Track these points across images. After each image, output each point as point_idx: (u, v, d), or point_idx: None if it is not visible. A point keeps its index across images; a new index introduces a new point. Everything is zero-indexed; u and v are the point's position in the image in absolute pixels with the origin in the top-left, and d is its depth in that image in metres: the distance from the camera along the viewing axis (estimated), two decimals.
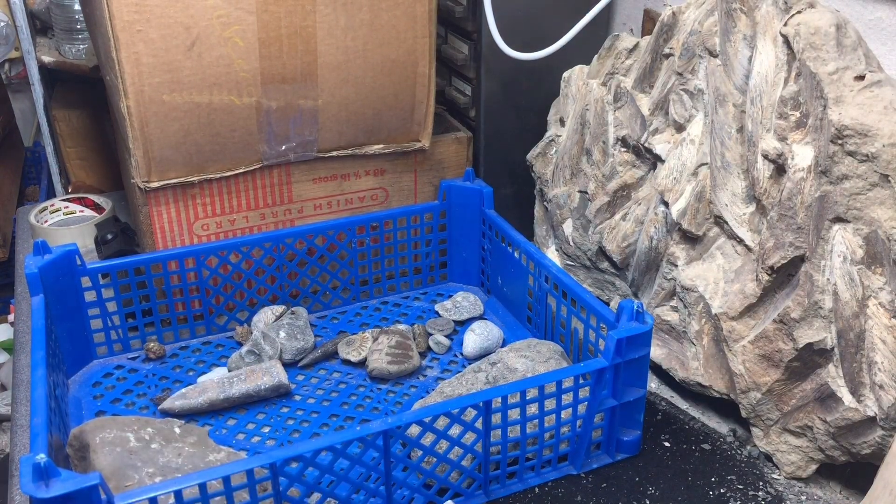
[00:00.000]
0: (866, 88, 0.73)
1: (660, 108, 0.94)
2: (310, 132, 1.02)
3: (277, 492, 0.69)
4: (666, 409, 0.92)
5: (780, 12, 0.80)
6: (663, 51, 0.94)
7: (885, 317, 0.73)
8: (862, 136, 0.71)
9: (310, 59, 0.97)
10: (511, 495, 0.80)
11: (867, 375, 0.74)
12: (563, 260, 1.11)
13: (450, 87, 1.24)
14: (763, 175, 0.81)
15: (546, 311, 0.98)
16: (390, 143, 1.08)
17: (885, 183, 0.71)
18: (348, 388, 0.95)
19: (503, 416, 0.76)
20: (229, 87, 0.94)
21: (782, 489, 0.81)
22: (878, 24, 0.87)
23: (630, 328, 0.78)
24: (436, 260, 1.13)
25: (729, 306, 0.84)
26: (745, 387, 0.83)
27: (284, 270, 1.06)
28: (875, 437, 0.75)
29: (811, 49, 0.76)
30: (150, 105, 0.92)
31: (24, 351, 1.01)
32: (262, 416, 0.90)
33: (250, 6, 0.91)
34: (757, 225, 0.83)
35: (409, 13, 1.00)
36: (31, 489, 0.60)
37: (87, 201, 1.25)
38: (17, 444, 0.86)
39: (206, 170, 0.99)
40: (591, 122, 1.02)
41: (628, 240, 0.98)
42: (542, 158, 1.12)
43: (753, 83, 0.82)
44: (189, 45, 0.90)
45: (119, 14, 0.87)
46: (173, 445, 0.76)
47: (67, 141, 1.75)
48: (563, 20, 1.11)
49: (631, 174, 0.98)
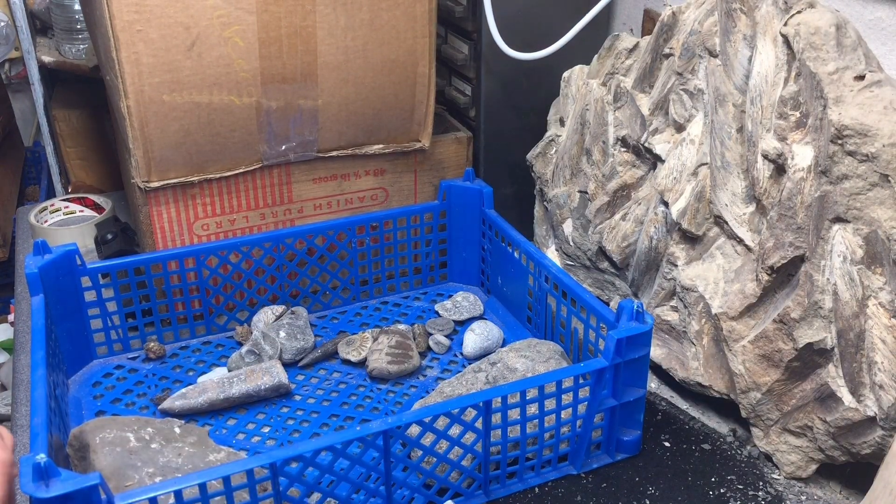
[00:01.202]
0: (866, 88, 0.73)
1: (660, 107, 0.94)
2: (310, 132, 1.02)
3: (277, 492, 0.69)
4: (666, 409, 0.92)
5: (780, 12, 0.80)
6: (663, 51, 0.94)
7: (885, 317, 0.73)
8: (862, 135, 0.71)
9: (310, 59, 0.97)
10: (511, 495, 0.80)
11: (867, 375, 0.74)
12: (563, 260, 1.11)
13: (450, 87, 1.24)
14: (763, 175, 0.81)
15: (546, 311, 0.98)
16: (390, 143, 1.08)
17: (884, 183, 0.71)
18: (348, 388, 0.95)
19: (503, 416, 0.76)
20: (229, 87, 0.94)
21: (782, 489, 0.81)
22: (878, 24, 0.87)
23: (630, 328, 0.78)
24: (436, 260, 1.13)
25: (729, 306, 0.84)
26: (745, 387, 0.83)
27: (284, 270, 1.06)
28: (875, 437, 0.75)
29: (811, 49, 0.76)
30: (150, 105, 0.92)
31: (24, 351, 1.01)
32: (262, 416, 0.90)
33: (250, 6, 0.91)
34: (757, 225, 0.83)
35: (409, 13, 1.00)
36: (31, 489, 0.60)
37: (87, 201, 1.25)
38: (18, 444, 0.86)
39: (206, 170, 0.99)
40: (591, 122, 1.02)
41: (628, 240, 0.98)
42: (542, 158, 1.12)
43: (753, 83, 0.82)
44: (189, 45, 0.90)
45: (119, 14, 0.87)
46: (173, 445, 0.76)
47: (67, 141, 1.75)
48: (563, 20, 1.11)
49: (631, 174, 0.98)
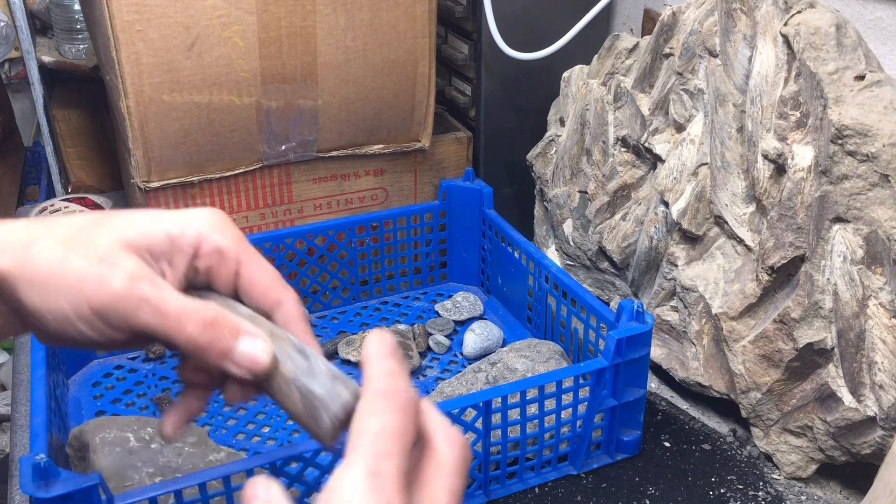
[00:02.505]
0: (866, 88, 0.73)
1: (660, 107, 0.94)
2: (310, 132, 1.02)
3: None
4: (666, 409, 0.92)
5: (780, 12, 0.80)
6: (663, 51, 0.94)
7: (885, 317, 0.73)
8: (862, 136, 0.71)
9: (310, 59, 0.97)
10: (511, 495, 0.80)
11: (867, 375, 0.74)
12: (563, 260, 1.11)
13: (450, 87, 1.24)
14: (763, 175, 0.81)
15: (546, 311, 0.98)
16: (390, 143, 1.08)
17: (885, 183, 0.71)
18: None
19: (503, 416, 0.76)
20: (229, 87, 0.94)
21: (782, 489, 0.81)
22: (878, 24, 0.87)
23: (630, 328, 0.78)
24: (436, 260, 1.13)
25: (729, 306, 0.84)
26: (745, 387, 0.83)
27: (284, 270, 1.05)
28: (875, 437, 0.75)
29: (811, 49, 0.76)
30: (149, 105, 0.92)
31: (24, 351, 1.01)
32: (261, 417, 0.90)
33: (250, 6, 0.91)
34: (757, 225, 0.83)
35: (409, 13, 1.00)
36: (31, 489, 0.60)
37: (86, 201, 1.25)
38: (17, 444, 0.86)
39: (205, 170, 0.99)
40: (591, 122, 1.02)
41: (628, 240, 0.98)
42: (542, 158, 1.12)
43: (753, 83, 0.82)
44: (189, 44, 0.90)
45: (119, 14, 0.87)
46: (173, 445, 0.76)
47: (67, 141, 1.75)
48: (563, 20, 1.11)
49: (631, 174, 0.98)
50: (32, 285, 0.44)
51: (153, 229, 0.47)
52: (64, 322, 0.44)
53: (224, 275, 0.49)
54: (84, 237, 0.46)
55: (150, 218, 0.48)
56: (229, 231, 0.49)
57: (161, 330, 0.45)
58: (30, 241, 0.45)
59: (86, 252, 0.45)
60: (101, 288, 0.44)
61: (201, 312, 0.45)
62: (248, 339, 0.46)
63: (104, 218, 0.47)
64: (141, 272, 0.45)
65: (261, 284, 0.50)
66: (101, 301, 0.44)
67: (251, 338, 0.46)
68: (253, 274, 0.50)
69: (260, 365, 0.46)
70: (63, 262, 0.44)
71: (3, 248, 0.45)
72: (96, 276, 0.44)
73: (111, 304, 0.44)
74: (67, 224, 0.47)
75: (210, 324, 0.45)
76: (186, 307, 0.45)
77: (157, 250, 0.47)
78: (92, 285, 0.44)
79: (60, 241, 0.45)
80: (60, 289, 0.44)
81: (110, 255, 0.45)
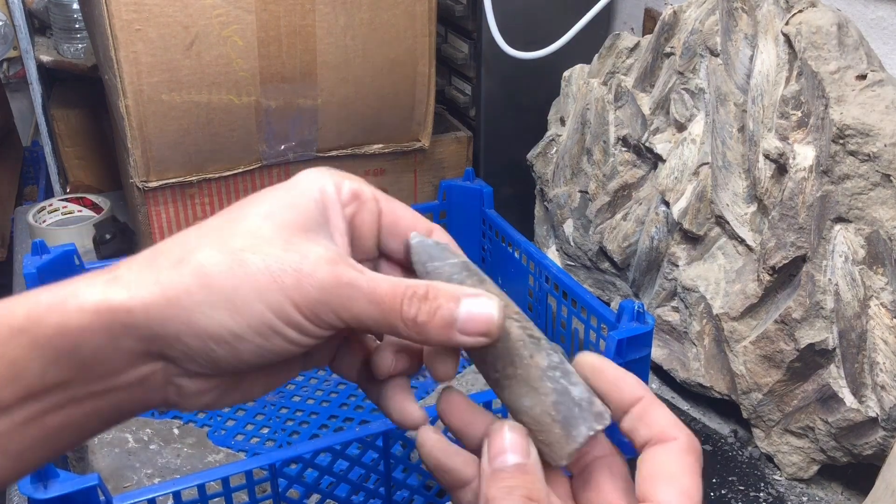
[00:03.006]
0: (868, 88, 0.73)
1: (661, 107, 0.94)
2: (309, 132, 1.02)
3: (276, 493, 0.68)
4: None
5: (782, 11, 0.80)
6: (664, 50, 0.93)
7: (887, 317, 0.72)
8: (863, 135, 0.71)
9: (309, 59, 0.97)
10: None
11: (869, 376, 0.74)
12: (564, 260, 1.11)
13: (450, 86, 1.24)
14: (764, 175, 0.81)
15: (546, 312, 0.98)
16: (390, 143, 1.08)
17: (886, 183, 0.71)
18: (348, 388, 0.95)
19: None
20: (228, 87, 0.94)
21: (784, 490, 0.81)
22: (880, 24, 0.86)
23: (631, 329, 0.78)
24: None
25: (730, 307, 0.84)
26: (747, 387, 0.83)
27: None
28: (877, 438, 0.75)
29: (812, 48, 0.76)
30: (148, 104, 0.91)
31: None
32: (261, 417, 0.90)
33: (249, 5, 0.91)
34: (758, 225, 0.83)
35: (409, 12, 1.00)
36: (29, 490, 0.60)
37: (85, 201, 1.25)
38: None
39: (204, 169, 0.99)
40: (592, 122, 1.02)
41: (629, 240, 0.98)
42: (542, 158, 1.12)
43: (755, 82, 0.82)
44: (188, 44, 0.90)
45: (118, 13, 0.86)
46: (172, 446, 0.76)
47: (66, 140, 1.75)
48: (563, 19, 1.10)
49: (632, 174, 0.98)
50: (199, 307, 0.35)
51: (298, 203, 0.39)
52: (247, 339, 0.36)
53: (367, 220, 0.43)
54: (234, 231, 0.37)
55: (281, 193, 0.40)
56: (343, 173, 0.43)
57: (375, 318, 0.38)
58: (169, 264, 0.36)
59: (257, 247, 0.36)
60: (302, 282, 0.36)
61: (411, 287, 0.38)
62: (470, 300, 0.38)
63: (235, 210, 0.39)
64: (333, 255, 0.38)
65: (405, 219, 0.44)
66: (307, 298, 0.36)
67: (472, 298, 0.38)
68: (395, 210, 0.44)
69: (494, 321, 0.38)
70: (238, 263, 0.36)
71: (130, 281, 0.36)
72: (291, 270, 0.36)
73: (320, 300, 0.36)
74: (200, 232, 0.38)
75: (424, 297, 0.38)
76: (396, 286, 0.38)
77: (314, 223, 0.39)
78: (291, 280, 0.36)
79: (212, 246, 0.37)
80: (247, 296, 0.35)
81: (288, 243, 0.37)
